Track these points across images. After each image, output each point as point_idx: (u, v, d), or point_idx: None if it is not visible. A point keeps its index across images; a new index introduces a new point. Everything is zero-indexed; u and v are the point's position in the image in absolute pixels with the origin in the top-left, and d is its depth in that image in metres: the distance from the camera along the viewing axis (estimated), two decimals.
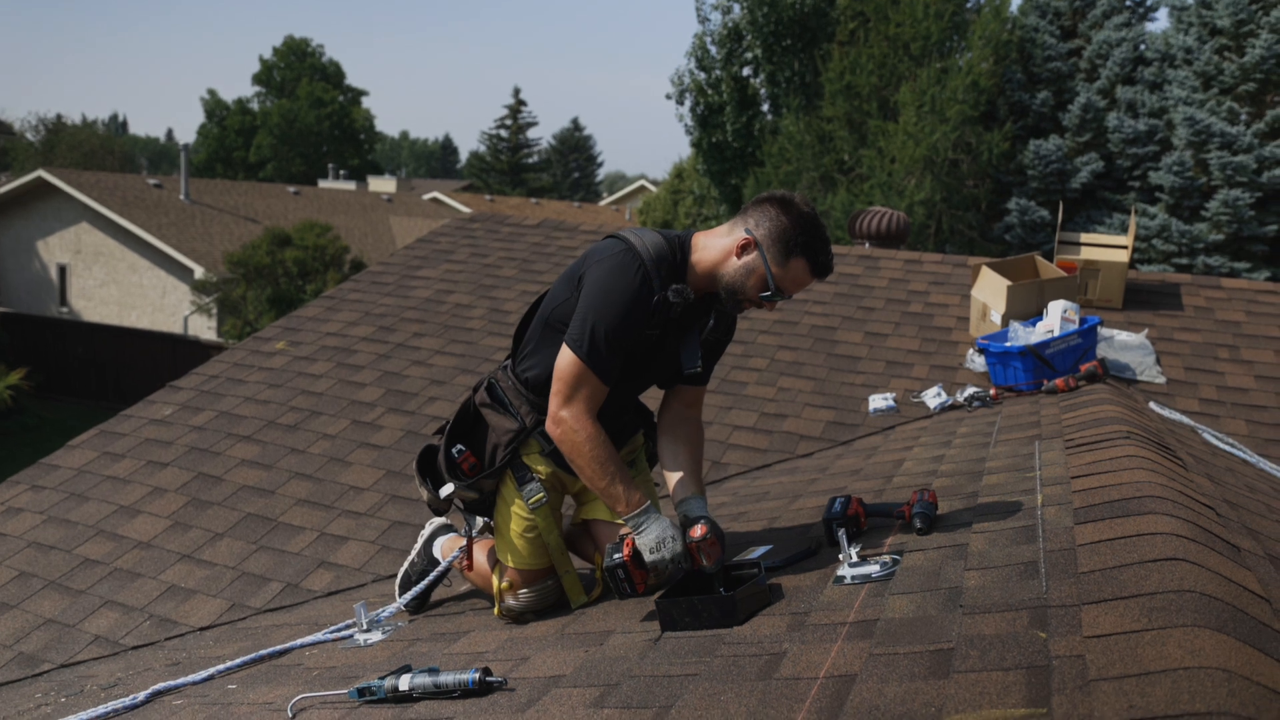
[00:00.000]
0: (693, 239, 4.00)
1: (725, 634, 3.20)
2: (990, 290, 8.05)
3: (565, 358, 3.83)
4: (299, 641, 4.50)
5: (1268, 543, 3.62)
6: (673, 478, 4.18)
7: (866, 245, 11.63)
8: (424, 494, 4.29)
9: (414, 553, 4.81)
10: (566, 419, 3.83)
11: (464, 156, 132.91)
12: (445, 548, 4.71)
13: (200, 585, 5.69)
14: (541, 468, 4.16)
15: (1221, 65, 21.48)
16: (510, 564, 4.16)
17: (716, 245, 3.93)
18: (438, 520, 4.90)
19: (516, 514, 4.14)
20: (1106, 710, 2.03)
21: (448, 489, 4.18)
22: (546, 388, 4.06)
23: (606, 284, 3.79)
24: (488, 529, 4.49)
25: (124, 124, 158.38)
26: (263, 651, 4.43)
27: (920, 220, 23.11)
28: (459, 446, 4.21)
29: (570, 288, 3.96)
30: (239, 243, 33.45)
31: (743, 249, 3.84)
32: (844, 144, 25.38)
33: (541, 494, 4.11)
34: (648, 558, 3.69)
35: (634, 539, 3.76)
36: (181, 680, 4.22)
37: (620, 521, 4.14)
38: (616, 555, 3.69)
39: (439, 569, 4.60)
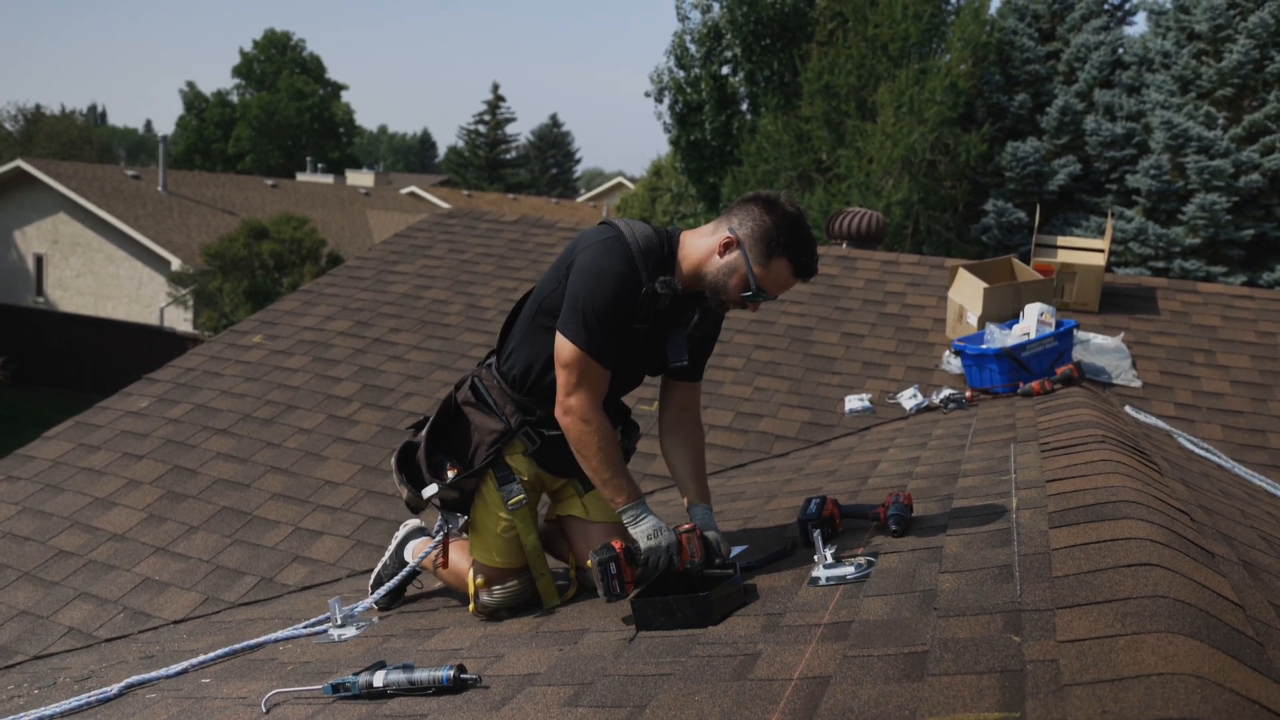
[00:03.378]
0: (680, 236, 4.01)
1: (700, 634, 3.20)
2: (967, 292, 8.07)
3: (563, 346, 3.83)
4: (273, 636, 4.49)
5: (1242, 548, 3.64)
6: (680, 482, 4.26)
7: (844, 245, 11.65)
8: (403, 492, 4.27)
9: (387, 555, 4.81)
10: (575, 408, 3.85)
11: (442, 151, 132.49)
12: (416, 550, 4.71)
13: (174, 578, 5.68)
14: (524, 469, 4.17)
15: (1199, 70, 21.53)
16: (485, 562, 4.16)
17: (701, 244, 3.94)
18: (412, 523, 4.90)
19: (496, 514, 4.14)
20: (1080, 715, 2.04)
21: (430, 490, 4.17)
22: (534, 385, 4.08)
23: (594, 267, 3.81)
24: (467, 528, 4.48)
25: (103, 115, 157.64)
26: (237, 645, 4.42)
27: (897, 221, 23.11)
28: (450, 461, 4.22)
29: (560, 275, 3.96)
30: (216, 235, 33.32)
31: (725, 248, 3.85)
32: (822, 144, 25.34)
33: (521, 495, 4.11)
34: (645, 544, 3.71)
35: (628, 533, 3.80)
36: (155, 673, 4.21)
37: (594, 518, 4.16)
38: (608, 550, 3.68)
39: (409, 567, 4.60)
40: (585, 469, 3.93)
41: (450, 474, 4.14)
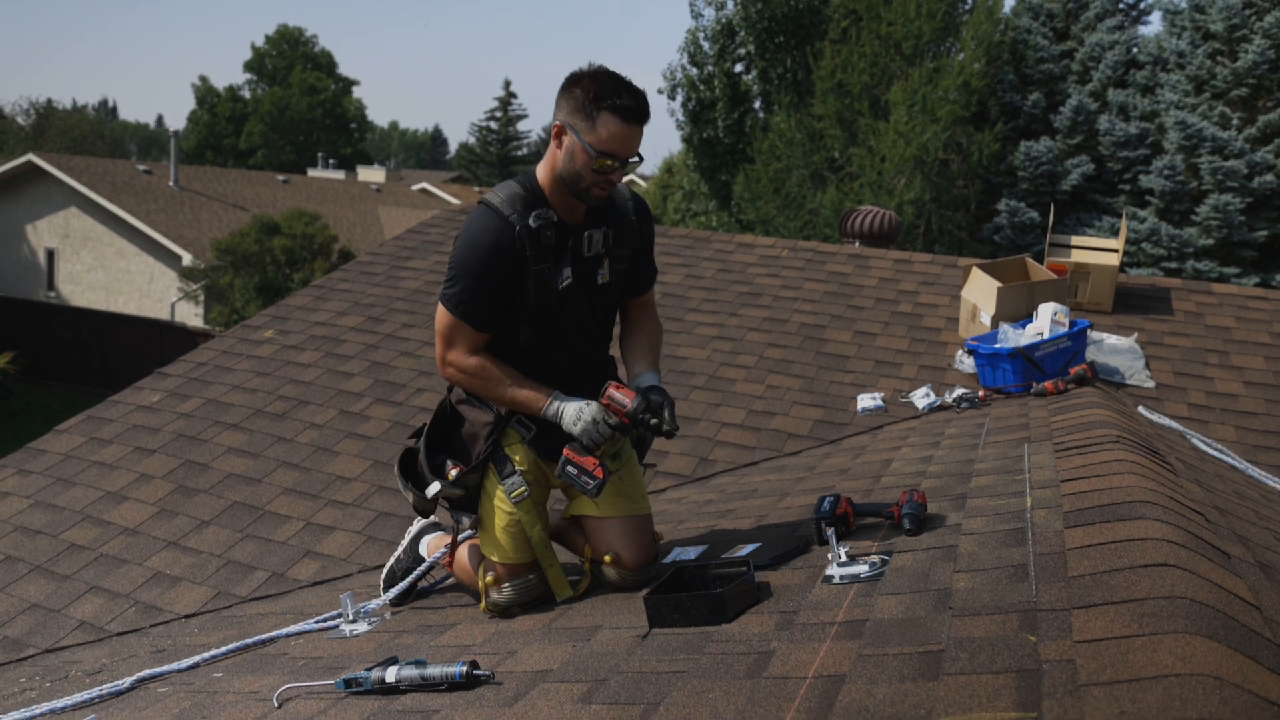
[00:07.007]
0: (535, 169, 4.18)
1: (713, 631, 3.19)
2: (980, 291, 8.05)
3: (440, 313, 4.08)
4: (285, 630, 4.49)
5: (1257, 550, 3.63)
6: (630, 358, 4.37)
7: (856, 244, 11.63)
8: (409, 497, 4.28)
9: (400, 549, 4.81)
10: (454, 361, 4.10)
11: (453, 148, 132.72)
12: (431, 546, 4.71)
13: (186, 572, 5.68)
14: (520, 457, 4.18)
15: (1214, 70, 21.49)
16: (494, 558, 4.16)
17: (545, 156, 4.10)
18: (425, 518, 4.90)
19: (499, 507, 4.14)
20: (1097, 715, 2.03)
21: (434, 488, 4.18)
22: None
23: (464, 238, 4.03)
24: (475, 526, 4.48)
25: (114, 109, 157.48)
26: (248, 640, 4.42)
27: (910, 220, 23.09)
28: (453, 462, 4.24)
29: None
30: (227, 230, 33.39)
31: (558, 137, 4.00)
32: (834, 142, 25.31)
33: (523, 488, 4.12)
34: (575, 431, 3.94)
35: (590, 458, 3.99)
36: (167, 667, 4.21)
37: (607, 513, 4.15)
38: (560, 459, 3.99)
39: (423, 565, 4.60)
40: (493, 401, 4.13)
41: (453, 473, 4.16)
